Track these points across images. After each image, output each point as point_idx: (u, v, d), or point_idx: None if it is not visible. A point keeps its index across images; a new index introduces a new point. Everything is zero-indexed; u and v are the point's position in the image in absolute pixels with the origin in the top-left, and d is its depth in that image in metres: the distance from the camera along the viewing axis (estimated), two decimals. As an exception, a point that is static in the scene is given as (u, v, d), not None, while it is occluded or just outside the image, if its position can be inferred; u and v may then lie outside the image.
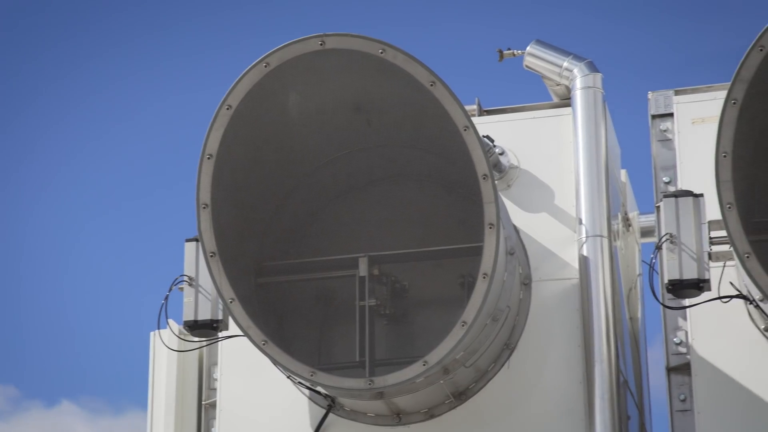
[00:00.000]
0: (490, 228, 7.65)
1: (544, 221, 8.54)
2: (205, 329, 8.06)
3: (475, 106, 8.90)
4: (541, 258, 8.45)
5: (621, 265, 8.81)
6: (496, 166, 8.56)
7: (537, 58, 8.89)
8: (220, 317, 8.05)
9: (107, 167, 20.23)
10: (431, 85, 7.76)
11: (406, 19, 18.31)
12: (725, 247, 7.64)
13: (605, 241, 8.35)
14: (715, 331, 8.09)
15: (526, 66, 8.94)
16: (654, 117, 8.65)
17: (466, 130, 7.74)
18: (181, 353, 8.67)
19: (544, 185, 8.60)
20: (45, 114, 20.09)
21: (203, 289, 8.04)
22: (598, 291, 8.25)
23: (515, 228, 8.48)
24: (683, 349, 8.19)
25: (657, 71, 17.92)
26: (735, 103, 7.50)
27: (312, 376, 7.72)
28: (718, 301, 7.80)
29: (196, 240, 8.00)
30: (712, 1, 18.07)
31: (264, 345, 7.72)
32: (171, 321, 8.33)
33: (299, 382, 8.08)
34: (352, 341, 8.05)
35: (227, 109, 7.88)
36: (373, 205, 8.54)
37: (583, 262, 8.33)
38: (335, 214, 8.55)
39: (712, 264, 7.71)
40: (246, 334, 7.75)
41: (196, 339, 8.27)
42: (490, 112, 8.95)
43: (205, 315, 8.03)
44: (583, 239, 8.37)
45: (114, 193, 20.68)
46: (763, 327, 8.00)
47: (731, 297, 7.80)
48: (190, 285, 8.07)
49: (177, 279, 8.08)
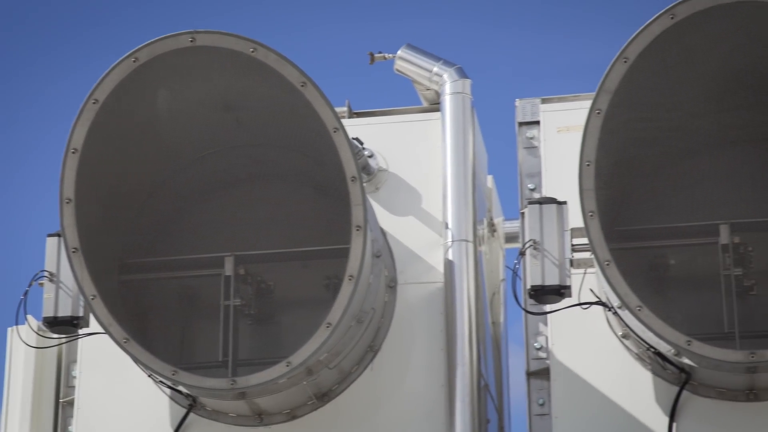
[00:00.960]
0: (357, 230, 7.68)
1: (411, 225, 8.59)
2: (65, 326, 7.95)
3: (345, 108, 8.91)
4: (407, 261, 8.50)
5: (485, 270, 8.89)
6: (365, 169, 8.58)
7: (407, 62, 8.94)
8: (81, 314, 7.95)
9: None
10: (302, 85, 7.77)
11: (280, 20, 18.28)
12: (587, 255, 7.75)
13: (470, 246, 8.43)
14: (574, 337, 8.20)
15: (397, 70, 8.99)
16: (521, 124, 8.75)
17: (335, 131, 7.76)
18: (40, 350, 8.53)
19: (412, 189, 8.65)
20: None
21: (64, 285, 7.94)
22: (462, 295, 8.32)
23: (382, 231, 8.52)
24: (543, 354, 8.29)
25: (526, 80, 18.17)
26: (599, 113, 7.62)
27: (174, 375, 7.67)
28: (578, 307, 7.91)
29: (59, 235, 7.89)
30: (580, 13, 18.37)
31: (125, 343, 7.65)
32: (30, 317, 8.21)
33: (161, 382, 8.02)
34: (215, 341, 8.02)
35: (93, 103, 7.80)
36: (241, 204, 8.51)
37: (448, 266, 8.39)
38: (202, 212, 8.50)
39: (573, 271, 7.82)
40: (107, 332, 7.67)
41: (56, 336, 8.15)
42: (360, 115, 8.98)
43: (65, 311, 7.93)
44: (449, 243, 8.43)
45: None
46: (620, 334, 8.13)
47: (591, 304, 7.91)
48: (51, 281, 7.96)
49: (37, 274, 7.97)
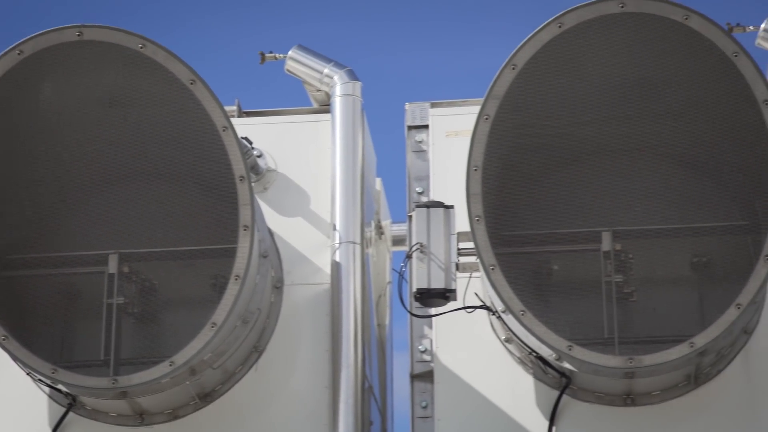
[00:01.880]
0: (245, 230, 7.65)
1: (299, 226, 8.58)
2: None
3: (234, 107, 8.87)
4: (294, 262, 8.49)
5: (372, 273, 8.91)
6: (254, 169, 8.55)
7: (298, 63, 8.92)
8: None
9: None
10: (191, 83, 7.72)
11: (170, 18, 18.15)
12: (472, 259, 7.80)
13: (358, 248, 8.44)
14: (458, 340, 8.25)
15: (287, 70, 8.97)
16: (410, 128, 8.77)
17: (224, 130, 7.72)
18: None
19: (301, 190, 8.64)
20: None
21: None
22: (349, 297, 8.32)
23: (270, 231, 8.50)
24: (428, 357, 8.33)
25: (416, 84, 18.26)
26: (487, 118, 7.68)
27: (53, 373, 7.58)
28: (463, 311, 7.96)
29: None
30: (472, 19, 18.51)
31: (4, 340, 7.55)
32: None
33: (39, 380, 7.91)
34: (98, 339, 7.93)
35: (-24, 95, 7.68)
36: (127, 201, 8.43)
37: (335, 267, 8.39)
38: (87, 208, 8.41)
39: (459, 274, 7.87)
40: (-15, 329, 7.55)
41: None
42: (249, 114, 8.95)
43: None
44: (337, 245, 8.43)
45: None
46: (503, 338, 8.20)
47: (475, 308, 7.97)
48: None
49: None
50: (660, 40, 7.66)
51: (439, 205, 7.93)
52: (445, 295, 7.80)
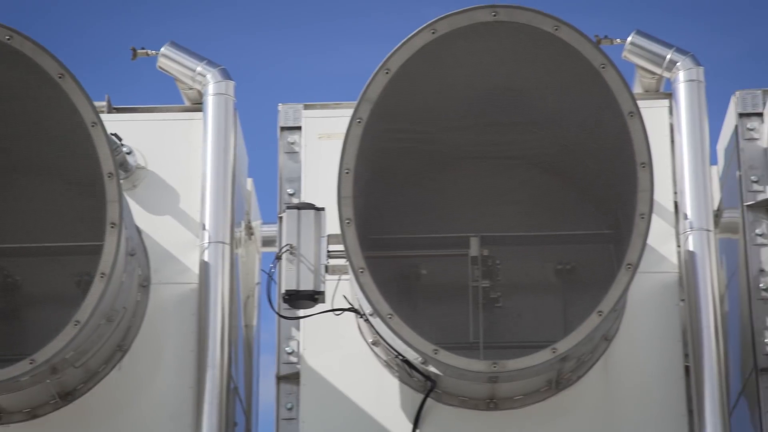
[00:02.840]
0: (112, 227, 7.57)
1: (168, 224, 8.51)
2: None
3: (104, 103, 8.77)
4: (162, 261, 8.42)
5: (241, 273, 8.88)
6: (123, 165, 8.46)
7: (171, 60, 8.85)
8: None
9: None
10: (60, 77, 7.61)
11: (40, 11, 17.88)
12: (342, 261, 7.81)
13: (227, 248, 8.39)
14: (325, 342, 8.26)
15: (160, 67, 8.89)
16: (283, 129, 8.76)
17: (93, 126, 7.63)
18: None
19: (171, 188, 8.57)
20: None
21: None
22: (216, 297, 8.28)
23: (138, 229, 8.41)
24: (294, 359, 8.32)
25: (290, 85, 18.25)
26: (360, 121, 7.71)
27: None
28: (332, 313, 7.98)
29: None
30: (349, 23, 18.57)
31: None
32: None
33: None
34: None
35: None
36: (-11, 195, 8.29)
37: (204, 267, 8.34)
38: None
39: (328, 277, 7.87)
40: None
41: None
42: (120, 111, 8.85)
43: None
44: (206, 245, 8.38)
45: None
46: (370, 341, 8.23)
47: (344, 310, 7.99)
48: None
49: None
50: (531, 49, 7.77)
51: (310, 206, 7.93)
52: (313, 297, 7.80)
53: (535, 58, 7.81)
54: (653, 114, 8.41)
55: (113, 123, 8.45)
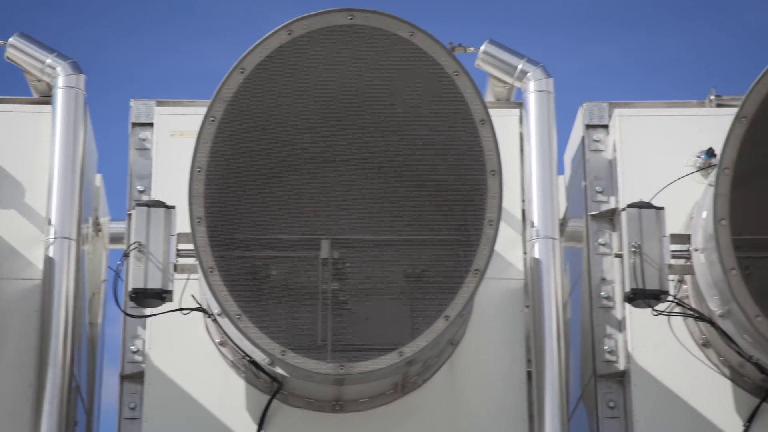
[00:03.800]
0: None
1: (12, 218, 8.35)
2: None
3: (-53, 93, 8.58)
4: (4, 256, 8.25)
5: (87, 270, 8.75)
6: (-34, 157, 8.28)
7: (19, 51, 8.67)
8: None
9: None
10: None
11: None
12: (191, 260, 7.75)
13: (73, 244, 8.25)
14: (172, 342, 8.19)
15: (7, 57, 8.70)
16: (134, 125, 8.65)
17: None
18: None
19: (16, 182, 8.41)
20: None
21: None
22: (60, 294, 8.13)
23: (-19, 222, 8.24)
24: (139, 358, 8.23)
25: (143, 81, 18.05)
26: (213, 120, 7.66)
27: None
28: (179, 312, 7.91)
29: None
30: (202, 21, 18.47)
31: None
32: None
33: None
34: None
35: None
36: None
37: (48, 263, 8.19)
38: None
39: (177, 276, 7.81)
40: None
41: None
42: (-37, 101, 8.66)
43: None
44: (51, 240, 8.23)
45: None
46: (218, 341, 8.18)
47: (191, 309, 7.93)
48: None
49: None
50: (386, 54, 7.82)
51: (160, 204, 7.85)
52: (161, 295, 7.73)
53: (391, 62, 7.86)
54: (504, 123, 8.54)
55: (-42, 113, 8.28)
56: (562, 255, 8.48)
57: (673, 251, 7.91)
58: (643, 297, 7.78)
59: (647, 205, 7.93)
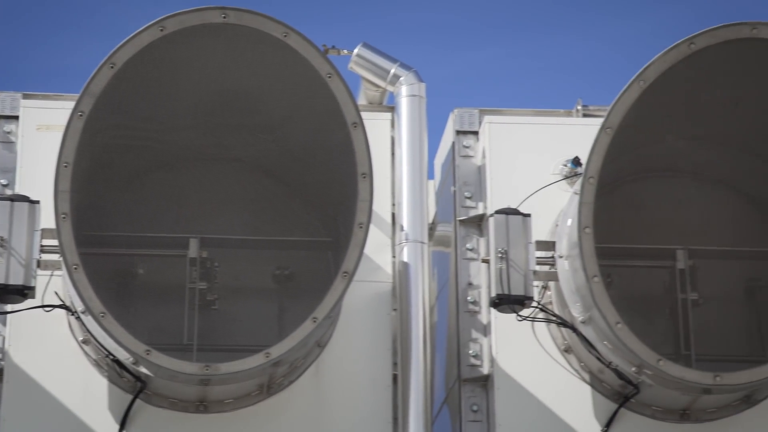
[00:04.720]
0: None
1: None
2: None
3: None
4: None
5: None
6: None
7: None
8: None
9: None
10: None
11: None
12: (56, 257, 7.63)
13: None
14: (33, 339, 8.05)
15: None
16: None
17: None
18: None
19: None
20: None
21: None
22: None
23: None
24: (-1, 356, 8.10)
25: (9, 74, 17.74)
26: (81, 115, 7.56)
27: None
28: (41, 309, 7.79)
29: None
30: (73, 15, 18.22)
31: None
32: None
33: None
34: None
35: None
36: None
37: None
38: None
39: (40, 272, 7.68)
40: None
41: None
42: None
43: None
44: None
45: None
46: (81, 339, 8.07)
47: (54, 306, 7.81)
48: None
49: None
50: (261, 53, 7.79)
51: (23, 199, 7.72)
52: (23, 291, 7.61)
53: (265, 62, 7.84)
54: (376, 126, 8.56)
55: None
56: (430, 259, 8.54)
57: (538, 258, 8.01)
58: (508, 302, 7.87)
59: (514, 211, 8.02)
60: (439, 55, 18.73)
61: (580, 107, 8.94)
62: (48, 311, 7.81)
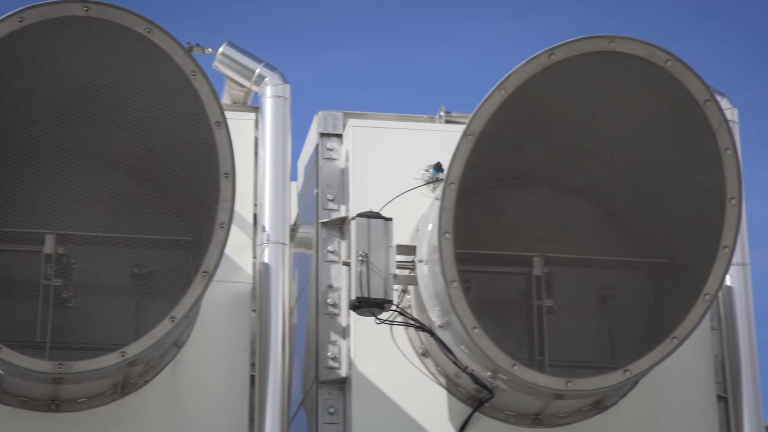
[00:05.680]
0: None
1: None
2: None
3: None
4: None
5: None
6: None
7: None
8: None
9: None
10: None
11: None
12: None
13: None
14: None
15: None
16: None
17: None
18: None
19: None
20: None
21: None
22: None
23: None
24: None
25: None
26: None
27: None
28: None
29: None
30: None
31: None
32: None
33: None
34: None
35: None
36: None
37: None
38: None
39: None
40: None
41: None
42: None
43: None
44: None
45: None
46: None
47: None
48: None
49: None
50: (123, 49, 7.70)
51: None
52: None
53: (128, 58, 7.75)
54: (240, 126, 8.52)
55: None
56: (291, 261, 8.53)
57: (398, 261, 8.06)
58: (367, 305, 7.90)
59: (376, 215, 8.05)
60: (305, 56, 18.74)
61: (443, 113, 9.02)
62: None
